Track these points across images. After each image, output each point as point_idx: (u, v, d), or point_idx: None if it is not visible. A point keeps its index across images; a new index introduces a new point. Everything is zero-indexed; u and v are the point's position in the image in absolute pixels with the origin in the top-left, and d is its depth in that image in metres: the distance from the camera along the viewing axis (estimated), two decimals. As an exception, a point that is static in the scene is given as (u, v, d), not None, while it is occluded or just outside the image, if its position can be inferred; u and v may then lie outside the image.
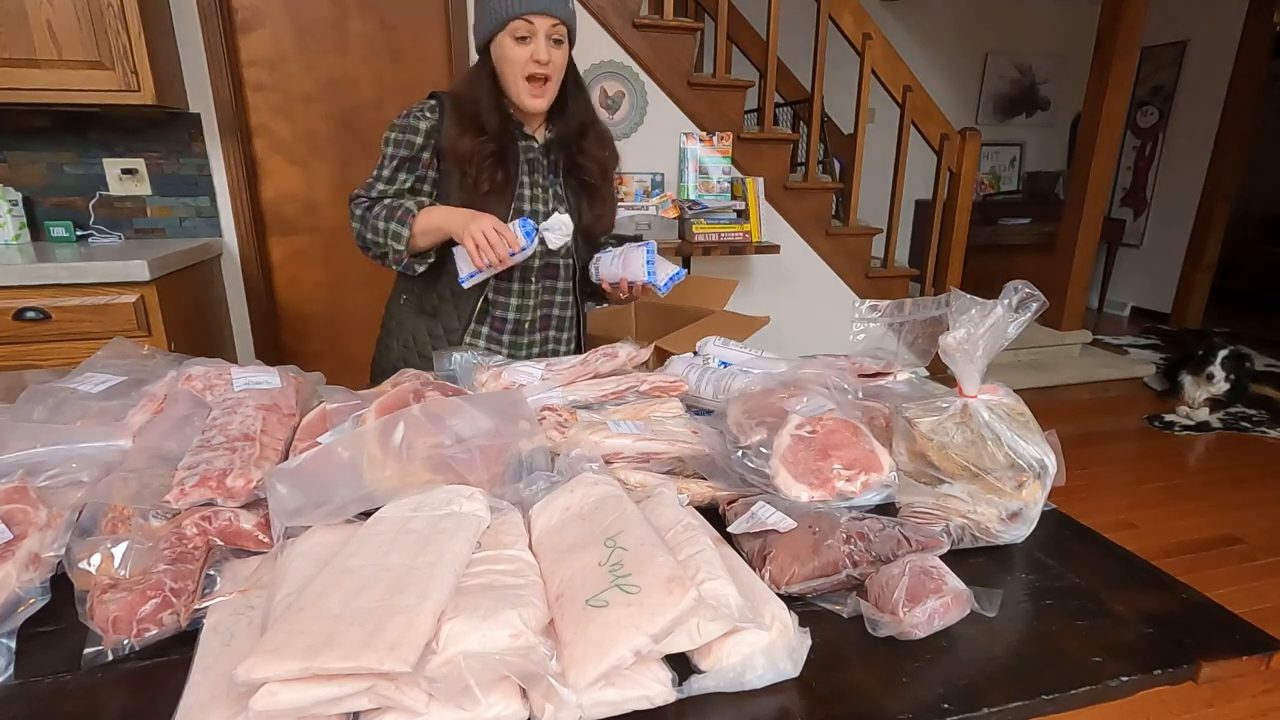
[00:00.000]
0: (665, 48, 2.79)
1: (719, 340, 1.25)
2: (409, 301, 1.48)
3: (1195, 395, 3.59)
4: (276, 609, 0.61)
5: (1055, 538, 0.88)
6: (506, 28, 1.23)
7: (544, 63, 1.25)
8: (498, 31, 1.24)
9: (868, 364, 1.18)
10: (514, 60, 1.25)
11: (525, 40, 1.23)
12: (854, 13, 3.01)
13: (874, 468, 0.85)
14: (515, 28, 1.22)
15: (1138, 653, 0.68)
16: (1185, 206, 5.10)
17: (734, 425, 0.96)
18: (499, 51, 1.27)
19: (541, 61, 1.24)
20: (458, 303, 1.42)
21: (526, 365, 1.10)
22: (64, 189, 2.39)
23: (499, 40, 1.25)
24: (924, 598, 0.66)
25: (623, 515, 0.71)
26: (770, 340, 2.57)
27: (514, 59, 1.25)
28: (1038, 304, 0.80)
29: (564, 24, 1.26)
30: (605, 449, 0.89)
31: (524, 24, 1.22)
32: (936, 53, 5.26)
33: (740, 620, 0.60)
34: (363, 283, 2.81)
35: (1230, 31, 4.69)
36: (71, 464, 0.84)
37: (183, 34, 2.36)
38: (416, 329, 1.46)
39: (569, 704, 0.55)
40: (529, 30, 1.23)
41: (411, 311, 1.47)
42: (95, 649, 0.64)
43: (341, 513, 0.75)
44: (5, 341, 1.91)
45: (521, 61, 1.25)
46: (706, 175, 2.91)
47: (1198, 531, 2.50)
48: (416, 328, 1.46)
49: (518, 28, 1.22)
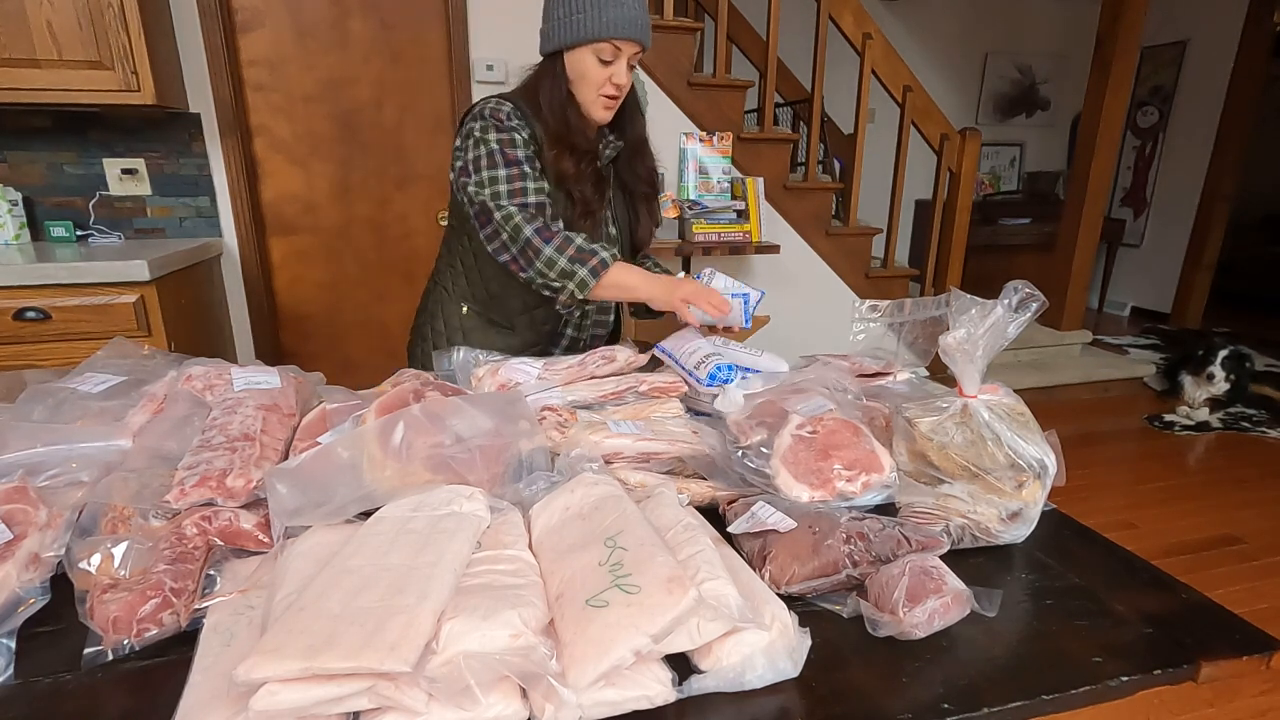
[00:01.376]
0: (665, 48, 2.79)
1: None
2: (476, 313, 1.44)
3: (1195, 395, 3.59)
4: (276, 609, 0.61)
5: (1055, 538, 0.88)
6: (592, 46, 1.21)
7: (621, 86, 1.25)
8: (580, 45, 1.21)
9: (868, 364, 1.18)
10: (593, 79, 1.24)
11: (608, 62, 1.22)
12: (854, 13, 3.01)
13: (875, 468, 0.85)
14: (602, 49, 1.21)
15: (1138, 653, 0.68)
16: (1185, 206, 5.10)
17: (734, 426, 0.96)
18: (577, 65, 1.24)
19: (620, 85, 1.25)
20: (533, 320, 1.41)
21: (523, 363, 1.09)
22: (64, 189, 2.39)
23: (579, 54, 1.22)
24: (924, 598, 0.66)
25: (623, 515, 0.71)
26: (770, 340, 2.56)
27: (593, 78, 1.24)
28: (1038, 304, 0.80)
29: (643, 50, 1.25)
30: (605, 449, 0.89)
31: (611, 48, 1.21)
32: (936, 53, 5.26)
33: (740, 620, 0.60)
34: (363, 283, 2.81)
35: (1230, 31, 4.69)
36: (71, 464, 0.84)
37: (183, 34, 2.36)
38: (489, 340, 1.40)
39: (569, 704, 0.55)
40: (614, 54, 1.22)
41: (481, 322, 1.44)
42: (95, 649, 0.64)
43: (341, 513, 0.75)
44: (5, 341, 1.91)
45: (601, 81, 1.24)
46: (706, 175, 2.91)
47: (1198, 531, 2.50)
48: (489, 339, 1.41)
49: (604, 50, 1.21)
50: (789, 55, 3.43)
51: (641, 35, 1.21)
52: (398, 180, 2.73)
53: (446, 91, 2.67)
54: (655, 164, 1.47)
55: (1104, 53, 3.74)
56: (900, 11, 5.06)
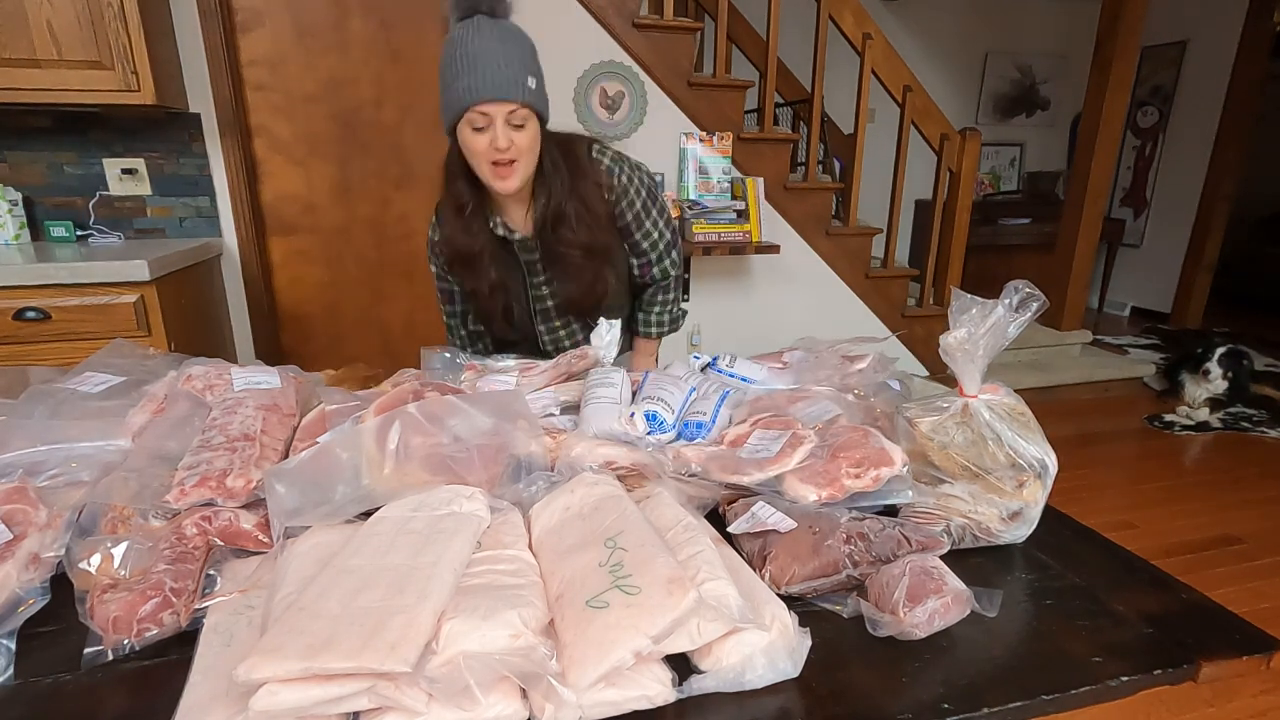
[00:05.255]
0: (665, 48, 2.79)
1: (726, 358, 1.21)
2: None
3: (1195, 395, 3.59)
4: (276, 609, 0.61)
5: (1055, 538, 0.88)
6: (464, 118, 1.18)
7: (504, 149, 1.18)
8: (457, 120, 1.20)
9: (850, 350, 1.19)
10: (475, 150, 1.20)
11: (483, 129, 1.18)
12: (854, 13, 3.01)
13: (884, 463, 0.83)
14: (472, 119, 1.17)
15: (1138, 653, 0.68)
16: (1185, 206, 5.09)
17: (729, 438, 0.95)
18: (462, 140, 1.22)
19: (501, 149, 1.18)
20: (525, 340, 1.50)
21: (500, 375, 1.10)
22: (64, 189, 2.39)
23: (460, 130, 1.21)
24: (924, 598, 0.66)
25: (623, 515, 0.71)
26: (770, 340, 2.57)
27: (474, 149, 1.20)
28: (1038, 304, 0.80)
29: (523, 107, 1.18)
30: (598, 458, 0.88)
31: (478, 114, 1.16)
32: (936, 53, 5.26)
33: (740, 620, 0.60)
34: (363, 283, 2.81)
35: (1230, 31, 4.68)
36: (71, 464, 0.84)
37: (183, 34, 2.36)
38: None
39: (569, 704, 0.55)
40: (485, 120, 1.17)
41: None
42: (95, 649, 0.64)
43: (341, 513, 0.75)
44: (5, 341, 1.91)
45: (483, 150, 1.19)
46: (706, 175, 2.91)
47: (1197, 531, 2.50)
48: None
49: (474, 119, 1.17)
50: (789, 55, 3.43)
51: (504, 93, 1.15)
52: (398, 180, 2.73)
53: (446, 91, 2.67)
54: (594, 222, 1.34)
55: (1104, 53, 3.74)
56: (900, 11, 5.06)
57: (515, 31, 1.19)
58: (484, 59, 1.14)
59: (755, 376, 1.14)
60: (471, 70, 1.14)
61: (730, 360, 1.18)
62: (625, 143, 2.88)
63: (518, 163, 1.22)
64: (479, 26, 1.15)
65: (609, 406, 0.96)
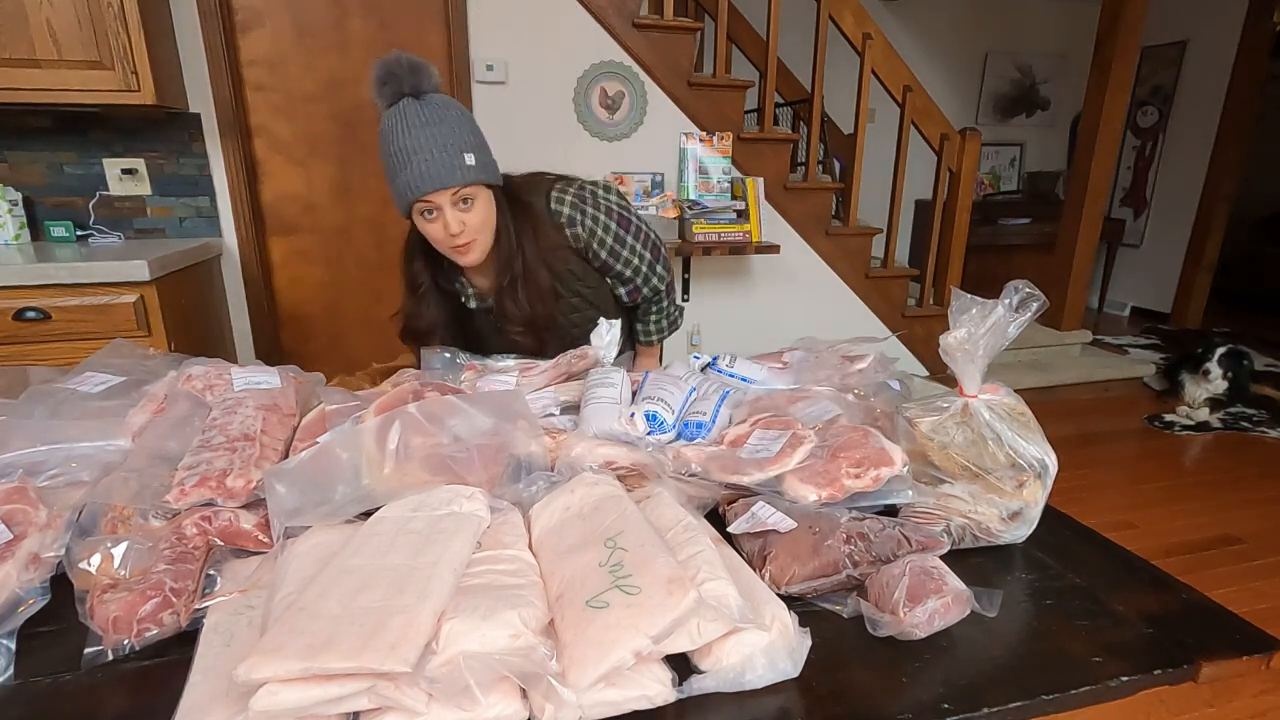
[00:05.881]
0: (665, 48, 2.79)
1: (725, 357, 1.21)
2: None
3: (1195, 395, 3.59)
4: (276, 609, 0.61)
5: (1055, 538, 0.88)
6: (413, 209, 1.20)
7: (456, 234, 1.19)
8: (409, 211, 1.22)
9: (850, 350, 1.19)
10: (433, 237, 1.23)
11: (434, 215, 1.19)
12: (854, 13, 3.01)
13: (884, 463, 0.83)
14: (419, 208, 1.19)
15: (1138, 653, 0.68)
16: (1185, 206, 5.09)
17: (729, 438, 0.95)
18: (419, 225, 1.24)
19: (454, 234, 1.19)
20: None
21: (500, 375, 1.10)
22: (64, 189, 2.39)
23: (414, 217, 1.23)
24: (924, 598, 0.66)
25: (623, 515, 0.71)
26: (770, 341, 2.57)
27: (432, 235, 1.22)
28: (1038, 304, 0.80)
29: (466, 186, 1.17)
30: (598, 458, 0.88)
31: (424, 203, 1.17)
32: (936, 53, 5.26)
33: (740, 621, 0.60)
34: (363, 283, 2.81)
35: (1230, 31, 4.68)
36: (71, 464, 0.84)
37: (183, 34, 2.36)
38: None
39: (569, 704, 0.55)
40: (432, 206, 1.18)
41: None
42: (95, 649, 0.64)
43: (341, 513, 0.75)
44: (5, 341, 1.91)
45: (440, 237, 1.21)
46: (706, 175, 2.91)
47: (1197, 531, 2.50)
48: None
49: (421, 207, 1.19)
50: (789, 55, 3.43)
51: (443, 182, 1.14)
52: (398, 180, 2.73)
53: (447, 91, 2.66)
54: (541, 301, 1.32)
55: (1104, 53, 3.74)
56: (900, 11, 5.06)
57: (444, 109, 1.17)
58: (416, 152, 1.13)
59: (755, 376, 1.14)
60: (407, 165, 1.14)
61: (730, 360, 1.17)
62: (625, 143, 2.88)
63: (475, 240, 1.23)
64: (405, 114, 1.15)
65: (609, 406, 0.96)
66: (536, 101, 2.75)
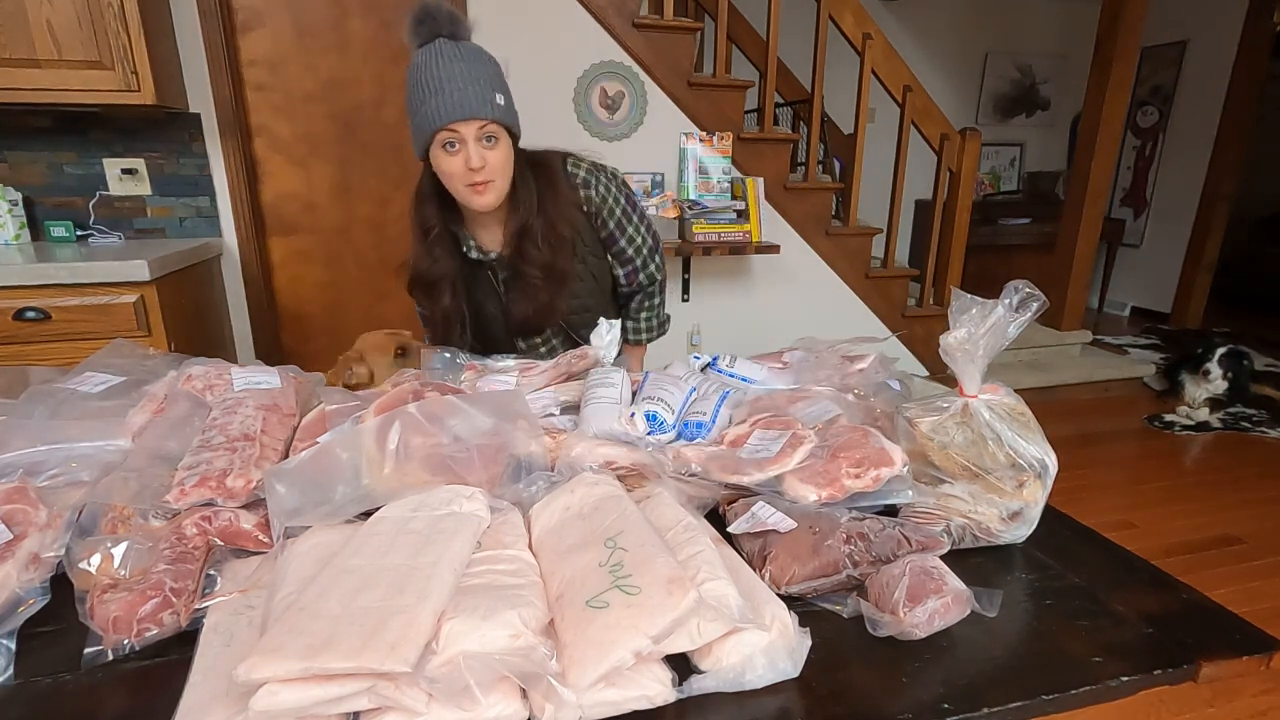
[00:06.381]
0: (665, 48, 2.79)
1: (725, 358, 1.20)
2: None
3: (1195, 395, 3.59)
4: (276, 609, 0.61)
5: (1055, 538, 0.88)
6: (435, 139, 1.18)
7: (477, 168, 1.19)
8: (429, 143, 1.20)
9: (850, 350, 1.18)
10: (449, 172, 1.21)
11: (455, 148, 1.18)
12: (854, 13, 3.01)
13: (884, 463, 0.83)
14: (442, 138, 1.18)
15: (1138, 653, 0.68)
16: (1185, 206, 5.09)
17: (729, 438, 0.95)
18: (435, 162, 1.23)
19: (475, 168, 1.18)
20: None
21: (500, 375, 1.10)
22: (64, 189, 2.39)
23: (434, 152, 1.21)
24: (924, 598, 0.66)
25: (623, 515, 0.71)
26: (769, 341, 2.57)
27: (448, 170, 1.21)
28: (1038, 304, 0.80)
29: (493, 122, 1.19)
30: (598, 458, 0.88)
31: (448, 133, 1.17)
32: (936, 53, 5.26)
33: (740, 621, 0.60)
34: (363, 283, 2.81)
35: (1230, 31, 4.68)
36: (71, 464, 0.84)
37: (183, 34, 2.36)
38: None
39: (569, 704, 0.55)
40: (456, 137, 1.17)
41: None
42: (95, 649, 0.64)
43: (341, 513, 0.75)
44: (5, 341, 1.91)
45: (457, 171, 1.20)
46: (706, 175, 2.91)
47: (1197, 531, 2.50)
48: None
49: (444, 137, 1.18)
50: (789, 55, 3.43)
51: (473, 111, 1.16)
52: (398, 180, 2.72)
53: (446, 91, 2.68)
54: (559, 252, 1.34)
55: (1104, 53, 3.74)
56: (900, 11, 5.06)
57: (478, 51, 1.20)
58: (449, 80, 1.14)
59: (755, 376, 1.14)
60: (438, 92, 1.14)
61: (730, 360, 1.17)
62: (625, 143, 2.88)
63: (494, 181, 1.23)
64: (441, 50, 1.16)
65: (609, 406, 0.96)
66: (536, 101, 2.74)
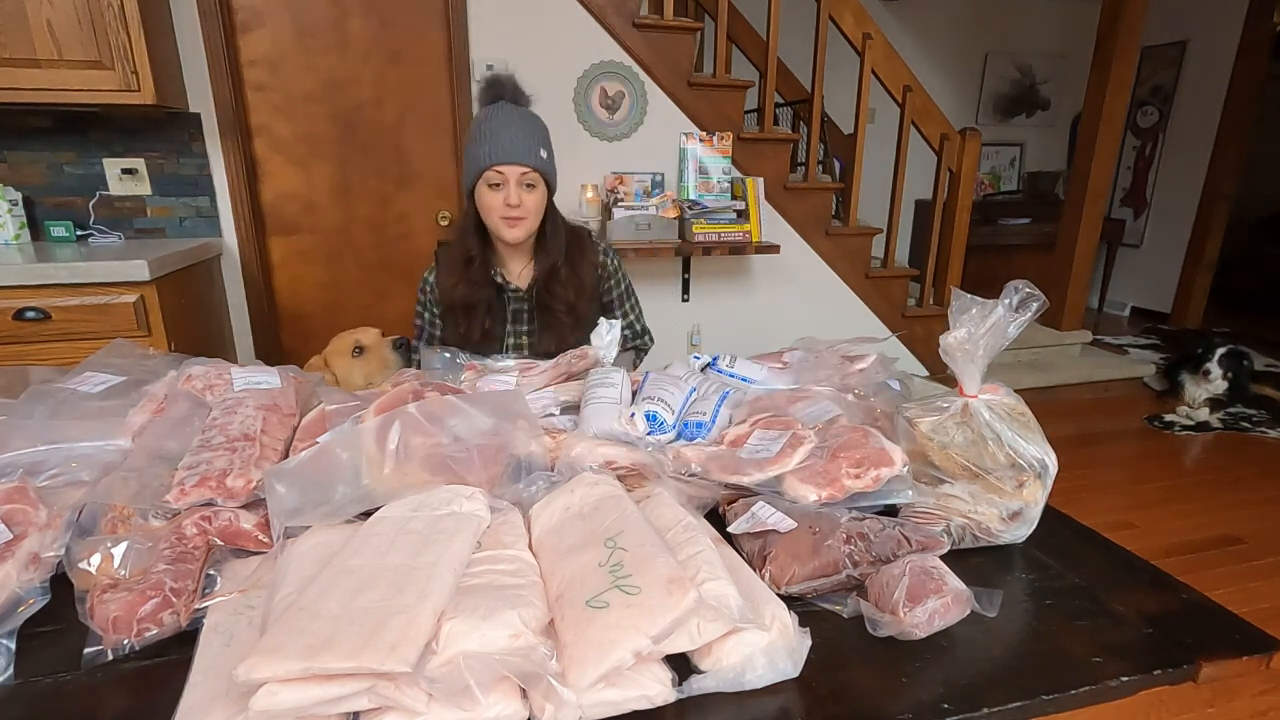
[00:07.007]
0: (665, 48, 2.79)
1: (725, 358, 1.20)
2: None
3: (1195, 395, 3.59)
4: (276, 609, 0.61)
5: (1055, 538, 0.88)
6: (482, 177, 1.38)
7: (514, 205, 1.39)
8: (477, 180, 1.40)
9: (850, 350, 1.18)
10: (489, 206, 1.41)
11: (498, 187, 1.39)
12: (854, 13, 3.01)
13: (884, 463, 0.83)
14: (489, 176, 1.38)
15: (1138, 653, 0.68)
16: (1185, 206, 5.09)
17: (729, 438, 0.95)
18: (479, 198, 1.42)
19: (512, 204, 1.39)
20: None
21: (500, 375, 1.10)
22: (64, 189, 2.39)
23: (479, 188, 1.41)
24: (924, 598, 0.66)
25: (623, 516, 0.71)
26: (769, 341, 2.57)
27: (489, 205, 1.41)
28: (1038, 304, 0.80)
29: (534, 171, 1.39)
30: (598, 458, 0.88)
31: (495, 173, 1.38)
32: (936, 53, 5.26)
33: (740, 621, 0.60)
34: (363, 283, 2.81)
35: (1230, 31, 4.68)
36: (71, 464, 0.84)
37: (183, 34, 2.36)
38: None
39: (569, 704, 0.55)
40: (501, 178, 1.38)
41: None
42: (95, 649, 0.64)
43: (341, 513, 0.75)
44: (5, 341, 1.91)
45: (497, 206, 1.40)
46: (706, 175, 2.91)
47: (1197, 531, 2.50)
48: None
49: (490, 176, 1.38)
50: (789, 55, 3.43)
51: (518, 158, 1.37)
52: (398, 180, 2.73)
53: (446, 91, 2.67)
54: (582, 284, 1.54)
55: (1104, 53, 3.74)
56: (900, 11, 5.06)
57: (532, 115, 1.43)
58: (503, 131, 1.37)
59: (755, 376, 1.14)
60: (492, 139, 1.37)
61: (730, 360, 1.18)
62: (625, 143, 2.88)
63: (526, 219, 1.42)
64: (501, 108, 1.39)
65: (609, 406, 0.96)
66: (536, 101, 2.74)
